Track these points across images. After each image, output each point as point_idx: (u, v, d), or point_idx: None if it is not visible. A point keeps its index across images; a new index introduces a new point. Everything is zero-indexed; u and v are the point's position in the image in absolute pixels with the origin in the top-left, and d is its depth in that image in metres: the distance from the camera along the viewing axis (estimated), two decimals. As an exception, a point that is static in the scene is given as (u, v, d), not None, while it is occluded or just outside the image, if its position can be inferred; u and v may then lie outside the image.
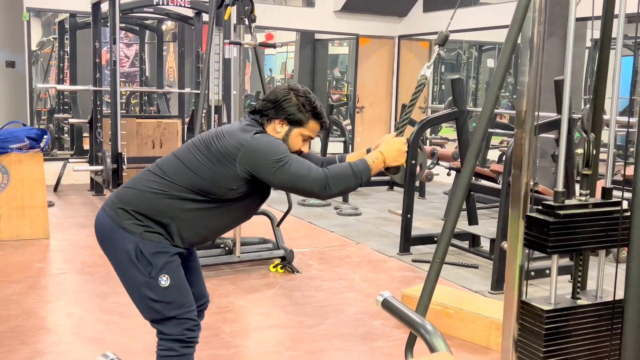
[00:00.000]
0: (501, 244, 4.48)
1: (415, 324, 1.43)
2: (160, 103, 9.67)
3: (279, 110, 2.32)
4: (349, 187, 2.26)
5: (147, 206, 2.28)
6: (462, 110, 5.47)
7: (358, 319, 3.90)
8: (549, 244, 2.00)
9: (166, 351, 2.35)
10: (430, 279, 2.24)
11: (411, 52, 10.49)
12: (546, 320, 2.00)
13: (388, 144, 2.32)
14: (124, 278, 2.35)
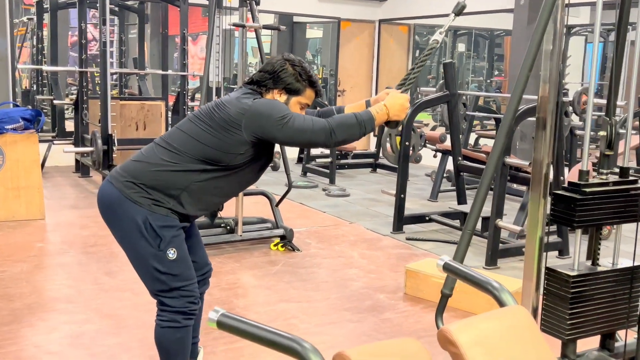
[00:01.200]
0: (495, 222, 4.69)
1: (482, 282, 1.58)
2: (142, 85, 9.62)
3: (277, 80, 2.40)
4: (353, 135, 2.33)
5: (157, 178, 2.34)
6: (453, 93, 5.65)
7: (363, 293, 4.05)
8: (575, 219, 2.16)
9: (168, 322, 2.43)
10: (461, 249, 2.39)
11: (391, 37, 10.64)
12: (572, 285, 2.17)
13: (393, 99, 2.39)
14: (130, 249, 2.41)
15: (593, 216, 2.21)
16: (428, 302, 3.93)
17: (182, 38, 8.18)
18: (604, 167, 2.30)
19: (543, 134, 2.49)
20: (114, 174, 2.43)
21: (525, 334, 1.39)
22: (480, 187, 2.39)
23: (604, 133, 2.30)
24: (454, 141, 5.74)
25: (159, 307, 2.46)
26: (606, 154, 2.30)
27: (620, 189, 2.26)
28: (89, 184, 7.36)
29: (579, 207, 2.18)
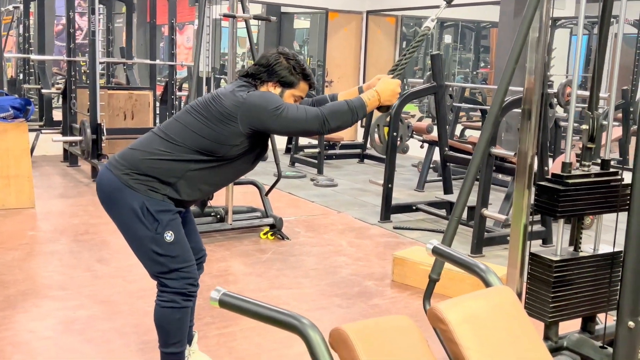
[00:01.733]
0: (481, 211, 4.79)
1: (469, 264, 1.66)
2: (130, 75, 9.61)
3: (271, 73, 2.47)
4: (346, 122, 2.41)
5: (154, 167, 2.41)
6: (440, 84, 5.73)
7: (352, 280, 4.14)
8: (558, 209, 2.25)
9: (168, 302, 2.51)
10: (449, 235, 2.47)
11: (378, 28, 10.70)
12: (555, 269, 2.26)
13: (384, 84, 2.46)
14: (129, 233, 2.49)
15: (575, 206, 2.30)
16: (415, 289, 4.02)
17: (170, 28, 8.21)
18: (586, 159, 2.39)
19: (528, 125, 2.58)
20: (112, 161, 2.50)
21: (510, 312, 1.48)
22: (467, 176, 2.47)
23: (586, 126, 2.39)
24: (441, 132, 5.83)
25: (159, 289, 2.54)
26: (588, 146, 2.38)
27: (601, 180, 2.36)
28: (78, 173, 7.37)
29: (562, 198, 2.27)
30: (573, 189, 2.29)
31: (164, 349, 2.59)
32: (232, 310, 1.42)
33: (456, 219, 2.45)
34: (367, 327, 1.29)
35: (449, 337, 1.39)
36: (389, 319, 1.35)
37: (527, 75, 2.59)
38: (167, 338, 2.56)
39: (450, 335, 1.39)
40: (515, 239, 2.64)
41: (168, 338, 2.56)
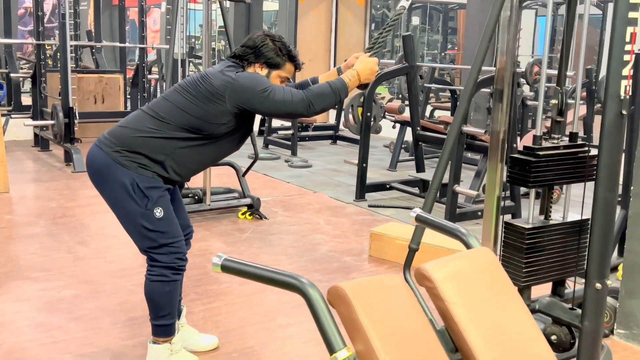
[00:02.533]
0: (453, 187, 4.95)
1: (451, 229, 1.78)
2: (99, 58, 9.54)
3: (258, 55, 2.56)
4: (330, 103, 2.51)
5: (143, 144, 2.48)
6: (412, 65, 5.85)
7: (331, 256, 4.26)
8: (530, 179, 2.39)
9: (158, 276, 2.59)
10: (427, 204, 2.59)
11: (348, 10, 10.76)
12: (527, 236, 2.40)
13: (363, 63, 2.56)
14: (119, 209, 2.56)
15: (546, 177, 2.44)
16: (392, 263, 4.16)
17: (140, 10, 8.16)
18: (555, 133, 2.53)
19: (500, 103, 2.70)
20: (102, 139, 2.56)
21: (491, 270, 1.60)
22: (443, 151, 2.59)
23: (555, 101, 2.52)
24: (413, 112, 5.96)
25: (149, 263, 2.61)
26: (557, 120, 2.52)
27: (570, 152, 2.50)
28: (50, 157, 7.33)
29: (534, 169, 2.40)
30: (544, 160, 2.42)
31: (154, 321, 2.67)
32: (233, 274, 1.52)
33: (434, 191, 2.57)
34: (362, 284, 1.40)
35: (436, 293, 1.51)
36: (382, 277, 1.46)
37: (499, 55, 2.71)
38: (157, 311, 2.65)
39: (436, 292, 1.51)
40: (489, 211, 2.78)
41: (159, 310, 2.64)
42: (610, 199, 2.27)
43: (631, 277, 3.08)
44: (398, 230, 4.33)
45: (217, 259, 1.52)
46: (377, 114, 5.76)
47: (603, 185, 2.26)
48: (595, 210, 2.28)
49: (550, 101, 2.55)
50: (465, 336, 1.46)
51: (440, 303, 1.50)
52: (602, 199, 2.28)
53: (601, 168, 2.25)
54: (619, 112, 2.21)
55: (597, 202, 2.28)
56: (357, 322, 1.33)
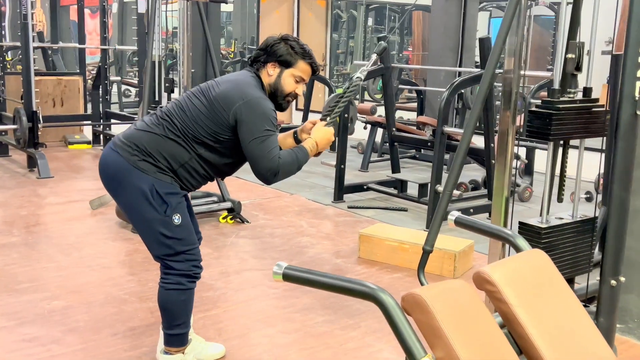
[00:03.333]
0: (435, 187, 5.00)
1: (496, 230, 1.79)
2: (57, 60, 9.24)
3: (270, 54, 2.53)
4: (291, 173, 2.50)
5: (161, 150, 2.44)
6: (387, 67, 5.88)
7: (321, 258, 4.24)
8: (551, 132, 2.45)
9: (174, 284, 2.53)
10: (441, 207, 2.60)
11: (310, 10, 10.76)
12: (543, 236, 2.44)
13: (320, 133, 2.58)
14: (136, 215, 2.49)
15: (565, 130, 2.50)
16: (382, 264, 4.17)
17: (101, 10, 7.95)
18: (571, 87, 2.58)
19: (508, 105, 2.73)
20: (118, 142, 2.48)
21: (546, 271, 1.62)
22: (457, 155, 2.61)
23: (572, 55, 2.56)
24: (389, 113, 5.99)
25: (164, 271, 2.54)
26: (574, 74, 2.57)
27: (586, 106, 2.56)
28: (11, 163, 7.06)
29: (554, 122, 2.46)
30: (563, 113, 2.49)
31: (168, 330, 2.60)
32: (297, 283, 1.49)
33: (449, 193, 2.58)
34: (436, 290, 1.39)
35: (498, 297, 1.51)
36: (449, 282, 1.45)
37: (507, 57, 2.75)
38: (172, 320, 2.58)
39: (499, 295, 1.51)
40: (497, 212, 2.81)
41: (173, 320, 2.58)
42: (625, 198, 2.33)
43: (627, 273, 3.17)
44: (386, 232, 4.35)
45: (277, 268, 1.49)
46: (354, 115, 5.77)
47: (618, 184, 2.32)
48: (612, 208, 2.34)
49: (567, 55, 2.59)
50: (531, 339, 1.47)
51: (504, 306, 1.50)
52: (617, 198, 2.33)
53: (616, 167, 2.31)
54: (634, 112, 2.27)
55: (612, 201, 2.34)
56: (437, 329, 1.32)
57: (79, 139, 8.21)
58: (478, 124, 5.03)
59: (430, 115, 7.52)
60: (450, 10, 8.09)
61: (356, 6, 13.18)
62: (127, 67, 14.27)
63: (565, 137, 2.56)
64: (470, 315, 1.39)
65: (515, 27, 2.67)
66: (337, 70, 13.63)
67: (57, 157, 7.38)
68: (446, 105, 4.79)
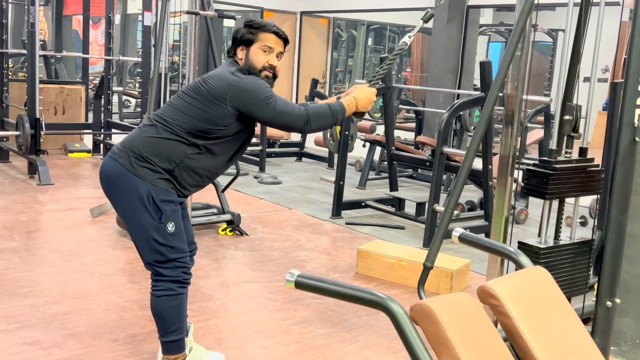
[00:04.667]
0: (433, 206, 5.06)
1: (498, 247, 1.85)
2: (59, 69, 9.31)
3: (235, 40, 2.63)
4: (327, 124, 2.58)
5: (156, 152, 2.50)
6: (389, 86, 5.97)
7: (319, 272, 4.28)
8: (548, 191, 2.51)
9: (165, 291, 2.58)
10: (443, 225, 2.66)
11: (312, 29, 10.88)
12: (542, 256, 2.50)
13: (362, 92, 2.62)
14: (132, 220, 2.55)
15: (562, 189, 2.58)
16: (380, 280, 4.22)
17: (107, 21, 8.04)
18: (568, 147, 2.66)
19: (510, 128, 2.81)
20: (116, 150, 2.56)
21: (547, 288, 1.68)
22: (460, 173, 2.67)
23: (569, 117, 2.64)
24: (388, 132, 6.07)
25: (154, 278, 2.59)
26: (571, 135, 2.65)
27: (581, 165, 2.64)
28: (11, 169, 7.09)
29: (551, 181, 2.53)
30: (559, 173, 2.56)
31: (164, 338, 2.64)
32: (309, 291, 1.54)
33: (450, 211, 2.64)
34: (444, 302, 1.45)
35: (501, 311, 1.57)
36: (456, 295, 1.51)
37: (510, 82, 2.82)
38: (166, 326, 2.62)
39: (502, 310, 1.57)
40: (497, 233, 2.87)
41: (167, 326, 2.62)
42: (622, 221, 2.40)
43: (622, 296, 3.23)
44: (384, 248, 4.40)
45: (289, 275, 1.54)
46: (354, 133, 5.84)
47: (616, 208, 2.39)
48: (609, 231, 2.40)
49: (565, 117, 2.68)
50: (532, 352, 1.52)
51: (506, 320, 1.56)
52: (614, 221, 2.40)
53: (615, 191, 2.38)
54: (633, 138, 2.35)
55: (609, 224, 2.40)
56: (445, 339, 1.37)
57: (79, 147, 8.26)
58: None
59: (428, 136, 7.61)
60: (451, 33, 8.22)
61: (357, 26, 13.33)
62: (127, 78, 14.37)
63: (561, 196, 2.65)
64: (476, 327, 1.44)
65: (519, 53, 2.75)
66: (335, 88, 13.77)
67: (57, 164, 7.42)
68: (446, 126, 4.87)
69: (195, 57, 4.80)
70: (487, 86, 4.96)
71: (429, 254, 2.70)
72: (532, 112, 7.55)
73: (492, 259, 2.93)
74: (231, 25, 15.53)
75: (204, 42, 11.74)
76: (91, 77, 10.09)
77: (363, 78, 11.59)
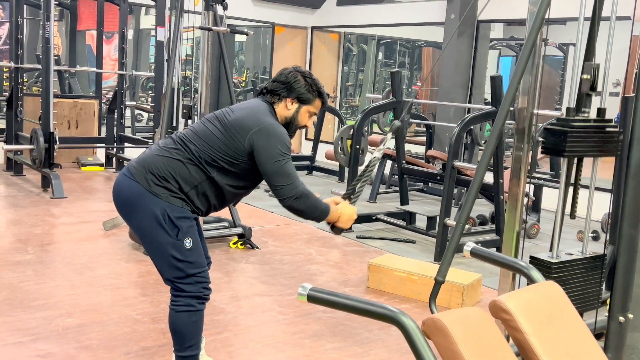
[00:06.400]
0: (444, 220, 5.06)
1: (510, 262, 1.86)
2: (73, 83, 9.41)
3: (290, 90, 2.66)
4: (309, 213, 2.61)
5: (172, 172, 2.52)
6: (399, 100, 5.99)
7: (330, 287, 4.29)
8: (566, 148, 2.55)
9: (185, 307, 2.60)
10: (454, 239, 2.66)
11: (323, 43, 10.95)
12: (554, 271, 2.50)
13: (347, 209, 2.71)
14: (148, 239, 2.56)
15: (580, 147, 2.59)
16: (390, 295, 4.22)
17: (120, 36, 8.13)
18: (586, 107, 2.67)
19: (522, 141, 2.81)
20: (131, 168, 2.58)
21: (559, 302, 1.68)
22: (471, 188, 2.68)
23: (587, 76, 2.65)
24: (399, 146, 6.08)
25: (174, 294, 2.60)
26: (588, 94, 2.66)
27: (599, 125, 2.66)
28: (25, 182, 7.16)
29: (569, 139, 2.55)
30: (578, 130, 2.57)
31: (180, 352, 2.65)
32: (321, 304, 1.55)
33: (462, 225, 2.65)
34: (456, 316, 1.46)
35: (513, 325, 1.58)
36: (467, 310, 1.51)
37: (521, 95, 2.84)
38: (183, 342, 2.63)
39: (514, 324, 1.57)
40: (508, 247, 2.87)
41: (184, 341, 2.63)
42: (634, 235, 2.40)
43: (635, 310, 3.21)
44: (395, 262, 4.40)
45: (302, 289, 1.56)
46: (365, 146, 5.87)
47: (628, 222, 2.39)
48: (621, 246, 2.40)
49: (583, 76, 2.68)
50: (544, 366, 1.52)
51: (518, 334, 1.57)
52: (626, 236, 2.40)
53: (626, 206, 2.38)
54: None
55: (621, 239, 2.40)
56: (457, 353, 1.38)
57: (92, 160, 8.33)
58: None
59: (439, 149, 7.62)
60: (462, 48, 8.25)
61: (367, 40, 13.40)
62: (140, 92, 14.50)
63: (579, 154, 2.65)
64: (488, 342, 1.45)
65: (530, 67, 2.76)
66: (345, 102, 13.82)
67: (70, 178, 7.49)
68: (457, 140, 4.88)
69: (208, 72, 4.86)
70: (498, 100, 4.97)
71: (440, 268, 2.71)
72: (543, 126, 7.55)
73: (504, 273, 2.92)
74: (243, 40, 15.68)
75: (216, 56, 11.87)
76: (104, 92, 10.20)
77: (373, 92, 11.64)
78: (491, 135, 2.75)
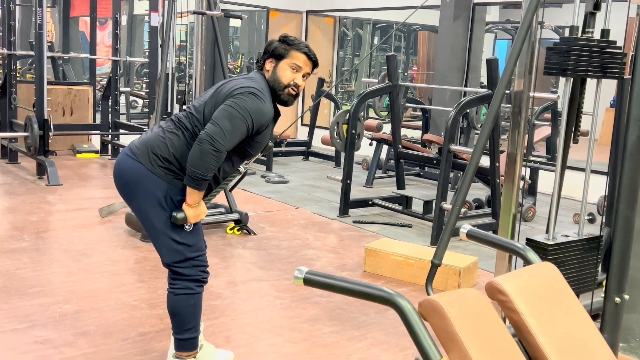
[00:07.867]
0: (441, 204, 5.06)
1: (507, 244, 1.85)
2: (67, 70, 9.35)
3: (266, 52, 2.66)
4: (199, 168, 2.37)
5: (174, 152, 2.51)
6: (395, 84, 5.97)
7: (327, 271, 4.26)
8: (569, 67, 2.52)
9: (182, 289, 2.61)
10: (450, 222, 2.66)
11: (318, 28, 10.89)
12: (550, 252, 2.50)
13: (204, 207, 2.56)
14: (149, 221, 2.55)
15: (583, 66, 2.56)
16: (387, 278, 4.23)
17: (114, 22, 8.08)
18: (589, 27, 2.66)
19: (518, 125, 2.80)
20: (133, 148, 2.56)
21: (555, 284, 1.68)
22: (467, 171, 2.68)
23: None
24: (395, 130, 6.07)
25: (172, 277, 2.61)
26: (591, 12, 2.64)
27: (603, 44, 2.63)
28: (20, 170, 7.14)
29: (573, 56, 2.52)
30: (581, 48, 2.55)
31: (179, 335, 2.66)
32: (317, 287, 1.55)
33: (458, 208, 2.64)
34: (452, 298, 1.46)
35: (509, 306, 1.58)
36: (464, 291, 1.51)
37: (517, 78, 2.82)
38: (182, 324, 2.64)
39: (510, 305, 1.58)
40: (504, 229, 2.87)
41: (183, 324, 2.64)
42: (631, 217, 2.40)
43: (630, 292, 3.22)
44: (392, 247, 4.41)
45: (298, 272, 1.56)
46: (361, 131, 5.85)
47: (624, 204, 2.38)
48: (616, 227, 2.40)
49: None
50: (540, 347, 1.53)
51: (515, 315, 1.57)
52: (622, 217, 2.40)
53: (623, 187, 2.37)
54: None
55: (617, 220, 2.40)
56: (453, 334, 1.38)
57: (87, 148, 8.29)
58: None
59: (435, 134, 7.61)
60: (458, 31, 8.21)
61: (362, 25, 13.33)
62: (134, 79, 14.44)
63: (582, 74, 2.60)
64: (484, 323, 1.45)
65: (526, 50, 2.75)
66: (341, 87, 13.78)
67: (66, 165, 7.46)
68: (453, 124, 4.87)
69: (202, 57, 4.83)
70: (494, 84, 4.96)
71: (436, 251, 2.71)
72: (540, 109, 7.54)
73: (500, 256, 2.93)
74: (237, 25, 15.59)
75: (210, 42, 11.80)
76: (98, 78, 10.14)
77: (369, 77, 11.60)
78: (487, 119, 2.74)
